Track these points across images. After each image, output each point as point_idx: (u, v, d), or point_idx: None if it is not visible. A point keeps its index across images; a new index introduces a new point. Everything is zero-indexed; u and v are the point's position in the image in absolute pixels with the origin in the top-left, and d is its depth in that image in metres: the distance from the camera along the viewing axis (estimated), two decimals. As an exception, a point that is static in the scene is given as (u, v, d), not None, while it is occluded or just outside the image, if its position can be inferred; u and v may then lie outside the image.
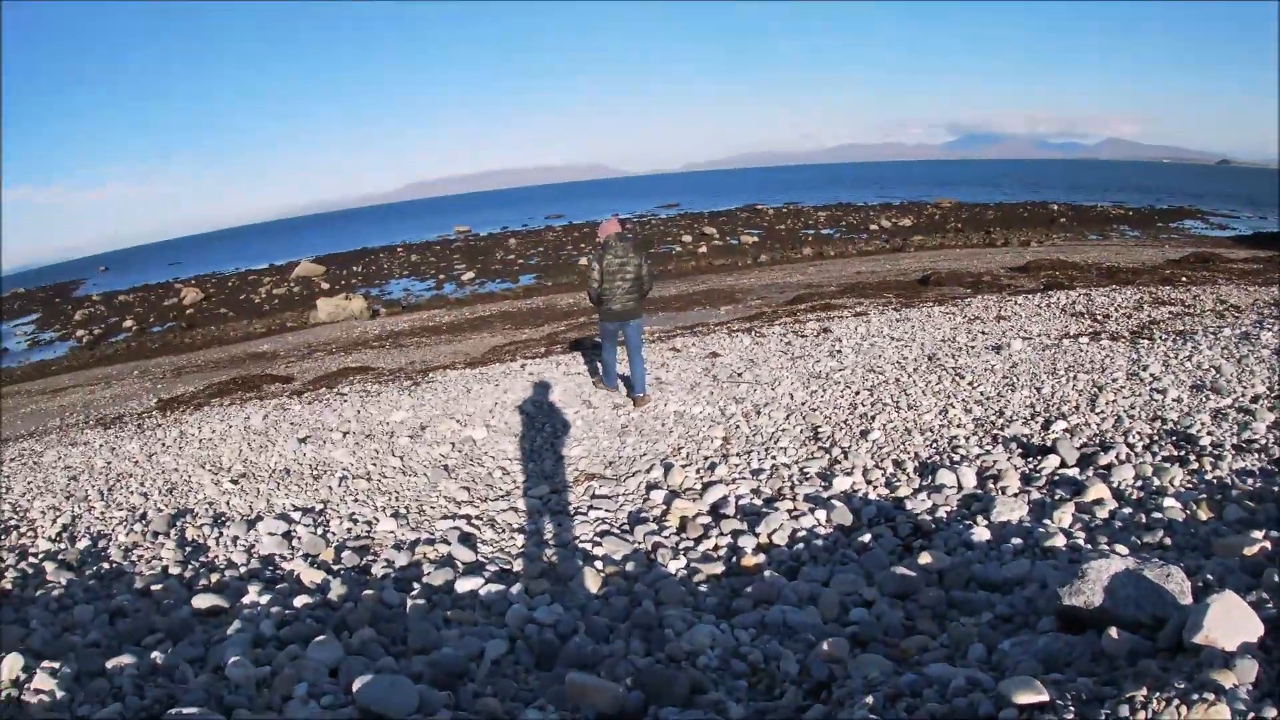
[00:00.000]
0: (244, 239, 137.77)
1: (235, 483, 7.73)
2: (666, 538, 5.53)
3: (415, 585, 5.13)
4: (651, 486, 6.62)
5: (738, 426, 7.80)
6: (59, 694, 3.46)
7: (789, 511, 5.63)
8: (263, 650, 3.96)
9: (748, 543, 5.26)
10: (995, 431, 6.45)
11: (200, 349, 26.71)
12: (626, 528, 5.91)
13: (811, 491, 5.98)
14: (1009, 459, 5.80)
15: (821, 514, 5.51)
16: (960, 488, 5.47)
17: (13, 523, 7.21)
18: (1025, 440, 6.12)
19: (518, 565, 5.44)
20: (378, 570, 5.51)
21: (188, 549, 6.18)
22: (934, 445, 6.42)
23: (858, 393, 8.12)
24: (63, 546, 6.45)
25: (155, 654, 3.89)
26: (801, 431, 7.38)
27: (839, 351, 10.44)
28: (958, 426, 6.72)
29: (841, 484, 5.98)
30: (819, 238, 40.75)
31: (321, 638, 3.79)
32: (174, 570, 5.73)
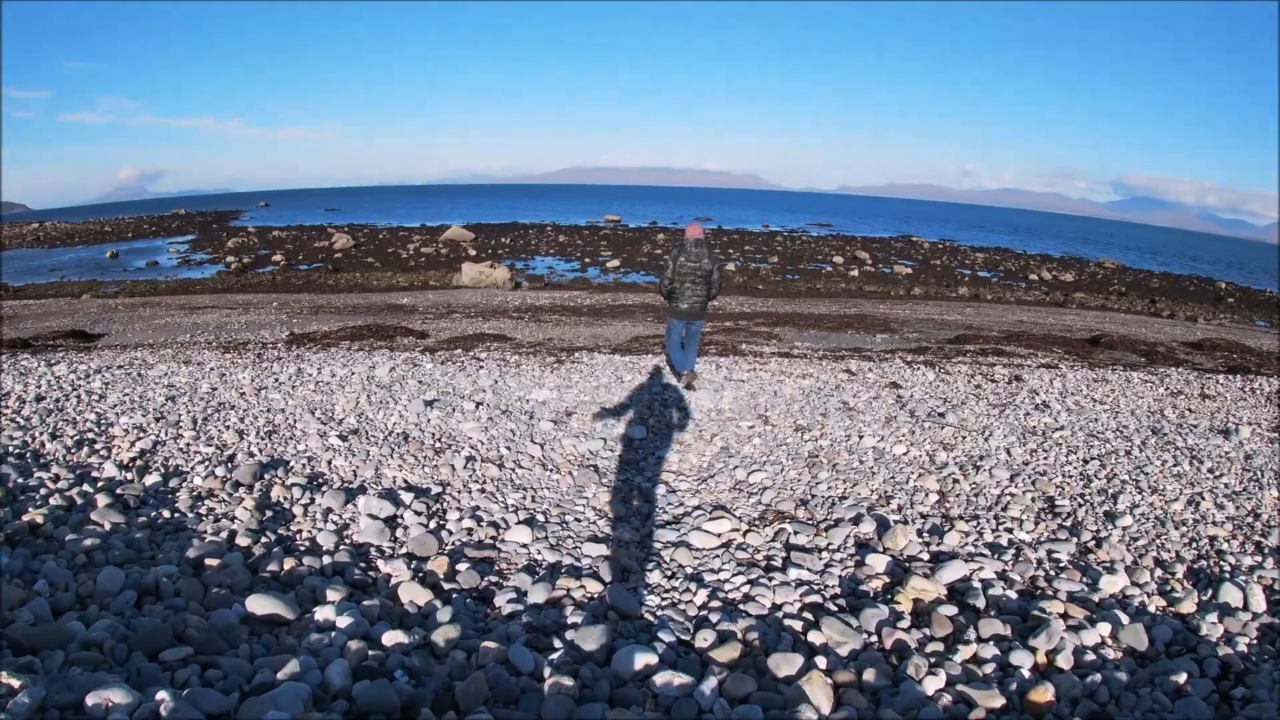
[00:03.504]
0: (401, 197, 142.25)
1: (344, 439, 6.48)
2: (907, 632, 3.84)
3: (556, 644, 3.58)
4: (862, 545, 4.97)
5: (955, 481, 6.19)
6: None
7: (1060, 616, 4.01)
8: (322, 719, 2.50)
9: (1021, 660, 3.57)
10: (1256, 538, 5.17)
11: (342, 292, 26.52)
12: (841, 602, 4.26)
13: (1075, 590, 4.37)
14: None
15: (1104, 629, 3.88)
16: (1252, 612, 4.16)
17: (90, 436, 6.16)
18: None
19: (702, 638, 3.78)
20: (502, 603, 4.02)
21: (268, 514, 4.90)
22: (1195, 546, 5.09)
23: (1086, 461, 6.77)
24: (129, 478, 5.32)
25: (162, 695, 2.47)
26: (1034, 500, 5.80)
27: (1045, 405, 9.04)
28: (1214, 525, 5.39)
29: (1110, 585, 4.43)
30: (975, 279, 38.38)
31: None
32: (242, 540, 4.44)
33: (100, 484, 5.08)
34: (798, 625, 3.90)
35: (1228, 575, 4.59)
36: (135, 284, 29.17)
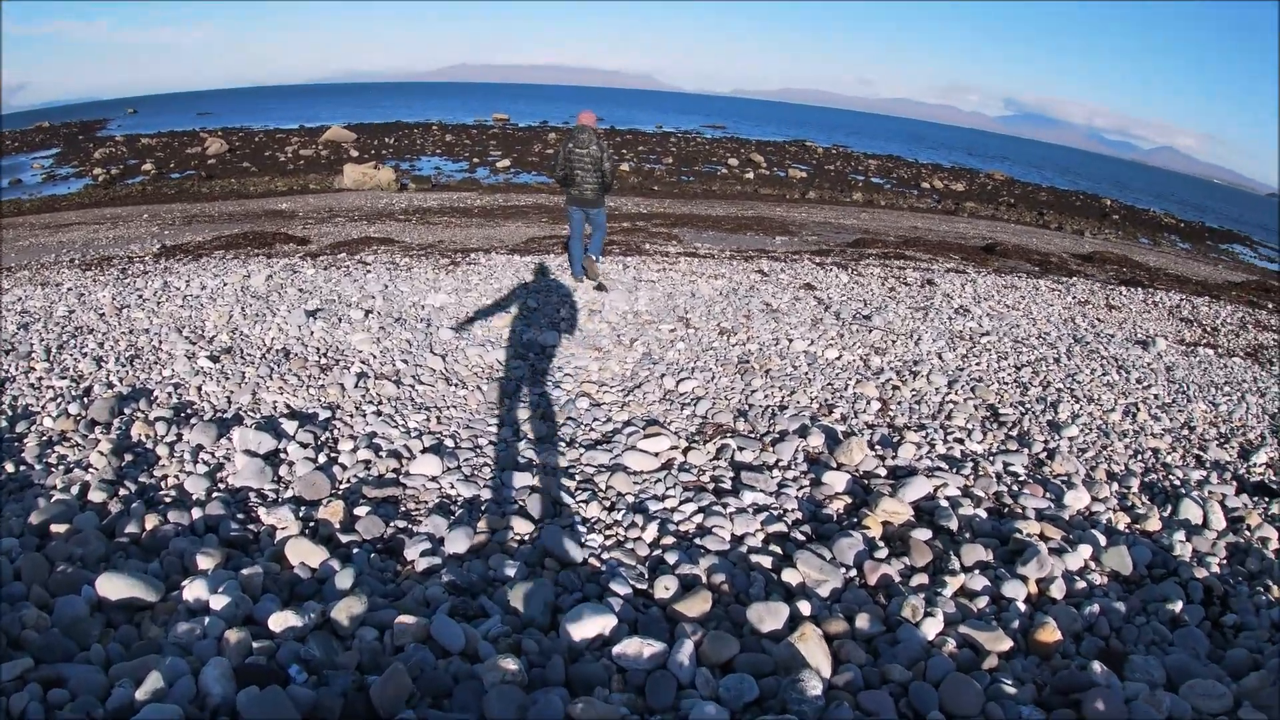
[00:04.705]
0: (276, 98, 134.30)
1: (215, 360, 5.65)
2: (888, 563, 3.40)
3: (489, 606, 2.99)
4: (814, 460, 4.54)
5: (895, 388, 5.90)
6: None
7: (1039, 537, 3.73)
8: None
9: (1014, 591, 3.22)
10: (1195, 452, 5.23)
11: (217, 200, 24.81)
12: (807, 529, 3.81)
13: (1043, 507, 4.11)
14: (1238, 496, 4.54)
15: (1085, 551, 3.60)
16: (1215, 530, 4.11)
17: (-69, 378, 5.19)
18: (1235, 471, 4.98)
19: (662, 586, 3.20)
20: (415, 555, 3.39)
21: (127, 458, 4.11)
22: (1141, 459, 5.04)
23: (1019, 368, 6.72)
24: (-37, 426, 4.41)
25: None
26: (976, 408, 5.59)
27: (965, 310, 8.99)
28: (1154, 437, 5.39)
29: (1075, 501, 4.23)
30: (869, 185, 38.80)
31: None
32: (96, 495, 3.66)
33: (-74, 439, 4.22)
34: (767, 562, 3.41)
35: (1182, 490, 4.53)
36: (-5, 207, 26.80)
